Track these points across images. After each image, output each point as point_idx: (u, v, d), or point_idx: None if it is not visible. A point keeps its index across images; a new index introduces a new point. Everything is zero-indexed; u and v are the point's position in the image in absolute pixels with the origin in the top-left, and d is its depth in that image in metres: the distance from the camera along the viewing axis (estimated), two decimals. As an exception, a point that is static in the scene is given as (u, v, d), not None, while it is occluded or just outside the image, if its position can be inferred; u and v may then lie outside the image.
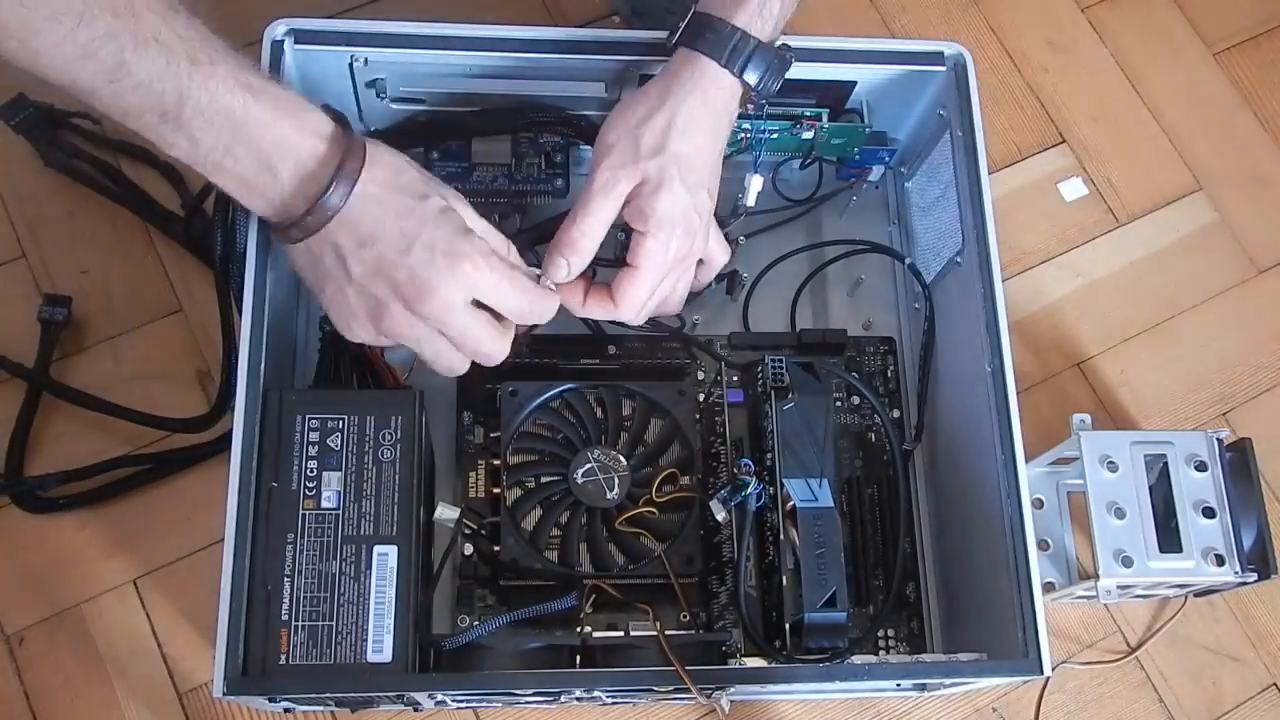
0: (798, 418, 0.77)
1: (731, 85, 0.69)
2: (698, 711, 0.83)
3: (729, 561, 0.78)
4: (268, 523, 0.66)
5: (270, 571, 0.65)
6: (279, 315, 0.73)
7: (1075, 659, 0.87)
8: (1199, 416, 0.95)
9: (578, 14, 1.00)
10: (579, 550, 0.77)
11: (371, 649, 0.65)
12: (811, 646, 0.72)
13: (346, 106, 0.80)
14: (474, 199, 0.83)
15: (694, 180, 0.69)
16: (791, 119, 0.82)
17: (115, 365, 0.87)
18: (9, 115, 0.88)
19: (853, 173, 0.89)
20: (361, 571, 0.66)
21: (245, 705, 0.80)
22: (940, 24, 1.05)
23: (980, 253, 0.76)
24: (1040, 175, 1.01)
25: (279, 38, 0.74)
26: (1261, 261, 1.00)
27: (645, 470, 0.79)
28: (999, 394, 0.73)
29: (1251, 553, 0.79)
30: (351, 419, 0.69)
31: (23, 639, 0.81)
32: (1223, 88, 1.06)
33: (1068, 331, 0.97)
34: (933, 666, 0.71)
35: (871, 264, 0.90)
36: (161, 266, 0.90)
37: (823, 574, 0.72)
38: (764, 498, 0.76)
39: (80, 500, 0.83)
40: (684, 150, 0.68)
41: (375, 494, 0.68)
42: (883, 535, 0.82)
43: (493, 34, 0.76)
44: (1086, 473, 0.79)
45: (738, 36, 0.68)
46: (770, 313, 0.89)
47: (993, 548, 0.72)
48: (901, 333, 0.89)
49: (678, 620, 0.76)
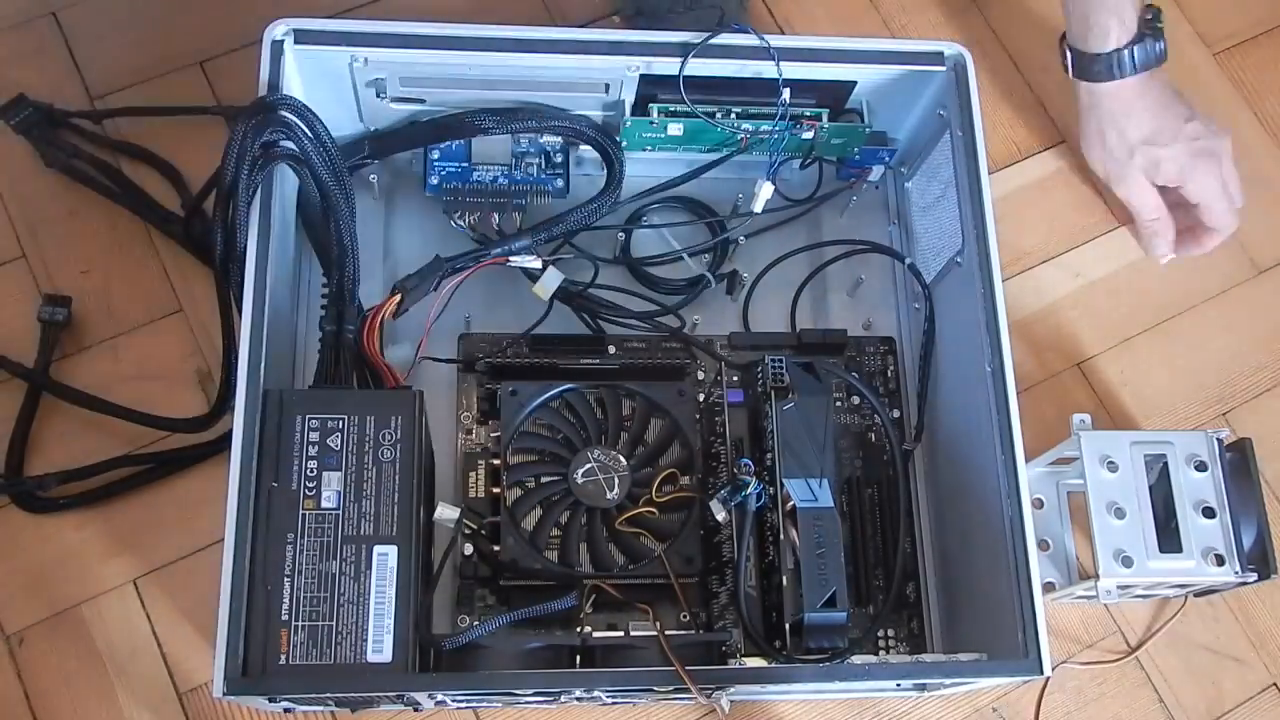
0: (798, 418, 0.78)
1: None
2: (698, 711, 0.83)
3: (729, 561, 0.78)
4: (268, 523, 0.66)
5: (270, 571, 0.65)
6: (279, 315, 0.74)
7: (1075, 659, 0.87)
8: (1199, 416, 0.95)
9: (578, 14, 1.00)
10: (579, 550, 0.77)
11: (371, 649, 0.65)
12: (811, 646, 0.72)
13: (346, 106, 0.80)
14: (474, 199, 0.85)
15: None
16: (792, 119, 0.82)
17: (115, 365, 0.87)
18: (9, 115, 0.88)
19: (853, 173, 0.89)
20: (361, 571, 0.66)
21: (245, 705, 0.80)
22: (940, 24, 1.05)
23: (980, 253, 0.77)
24: (1040, 175, 1.01)
25: (279, 38, 0.74)
26: (1261, 261, 1.00)
27: (645, 470, 0.79)
28: (999, 394, 0.74)
29: (1251, 553, 0.79)
30: (351, 419, 0.69)
31: (23, 639, 0.80)
32: (1223, 88, 1.06)
33: (1068, 331, 0.96)
34: (933, 667, 0.71)
35: (871, 264, 0.90)
36: (161, 266, 0.90)
37: (823, 574, 0.72)
38: (764, 498, 0.76)
39: (80, 500, 0.83)
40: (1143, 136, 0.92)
41: (375, 494, 0.68)
42: (883, 535, 0.82)
43: (493, 34, 0.76)
44: (1086, 473, 0.79)
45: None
46: (770, 313, 0.89)
47: (993, 548, 0.73)
48: (901, 333, 0.89)
49: (678, 620, 0.76)
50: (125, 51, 0.95)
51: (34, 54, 0.95)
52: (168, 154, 0.91)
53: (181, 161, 0.91)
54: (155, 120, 0.93)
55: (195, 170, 0.90)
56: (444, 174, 0.84)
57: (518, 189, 0.84)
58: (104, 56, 0.95)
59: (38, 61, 0.94)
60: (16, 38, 0.95)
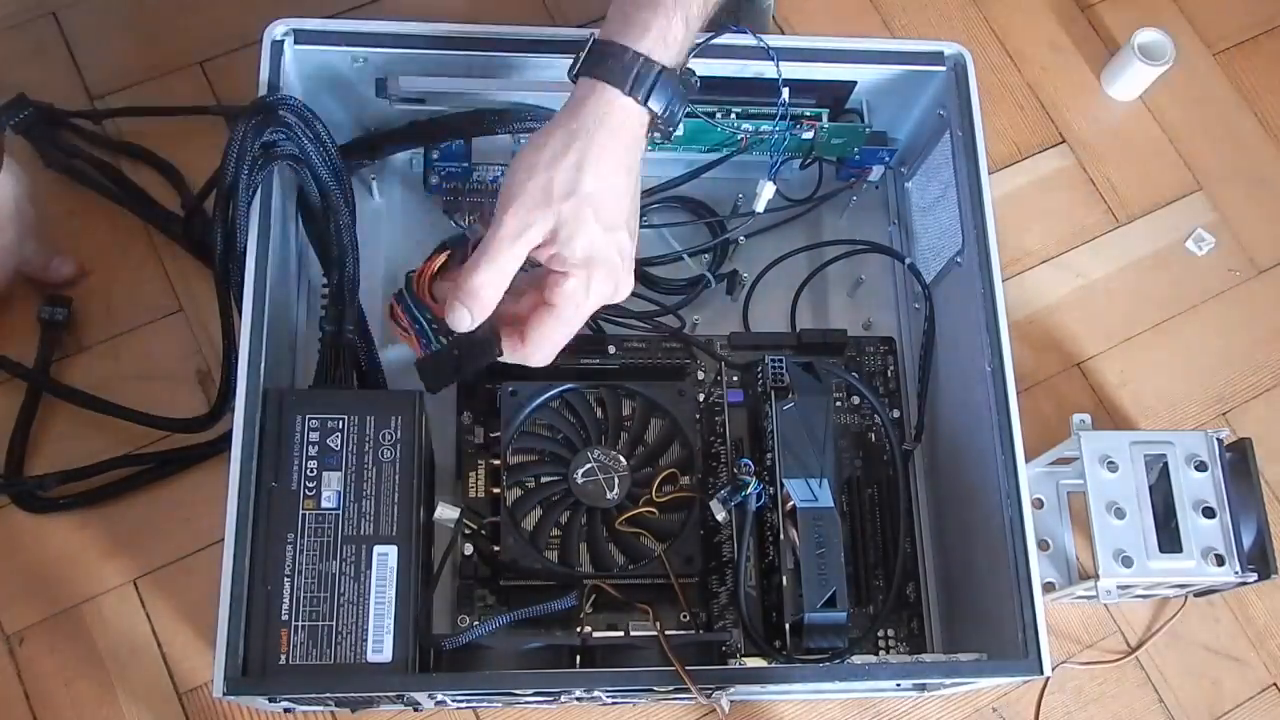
0: (798, 418, 0.77)
1: (638, 114, 0.65)
2: (698, 711, 0.83)
3: (729, 561, 0.78)
4: (268, 523, 0.66)
5: (270, 571, 0.65)
6: (279, 315, 0.73)
7: (1075, 659, 0.87)
8: (1199, 416, 0.95)
9: (578, 15, 1.00)
10: (579, 550, 0.77)
11: (371, 649, 0.65)
12: (811, 646, 0.72)
13: (346, 107, 0.80)
14: (474, 198, 0.84)
15: (611, 219, 0.65)
16: (792, 119, 0.82)
17: (115, 365, 0.87)
18: (9, 115, 0.88)
19: (853, 173, 0.89)
20: (361, 571, 0.66)
21: (245, 705, 0.80)
22: (940, 24, 1.05)
23: (980, 253, 0.77)
24: (1040, 175, 1.01)
25: (279, 38, 0.74)
26: (1261, 261, 1.00)
27: (645, 470, 0.79)
28: (999, 394, 0.73)
29: (1251, 553, 0.79)
30: (351, 419, 0.69)
31: (23, 639, 0.80)
32: (1223, 88, 1.06)
33: (1068, 331, 0.97)
34: (932, 666, 0.71)
35: (872, 264, 0.90)
36: (161, 266, 0.90)
37: (823, 574, 0.72)
38: (764, 498, 0.76)
39: (80, 500, 0.83)
40: (599, 188, 0.63)
41: (375, 494, 0.68)
42: (883, 535, 0.82)
43: (492, 34, 0.76)
44: (1086, 473, 0.79)
45: (640, 63, 0.64)
46: (770, 313, 0.89)
47: (993, 548, 0.72)
48: (901, 333, 0.89)
49: (678, 620, 0.76)
50: (125, 51, 0.95)
51: (34, 54, 0.94)
52: (167, 154, 0.91)
53: (181, 161, 0.91)
54: (155, 120, 0.92)
55: (195, 171, 0.90)
56: (444, 173, 0.84)
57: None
58: (104, 56, 0.95)
59: (38, 61, 0.94)
60: (16, 38, 0.95)
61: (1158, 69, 0.99)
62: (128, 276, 0.89)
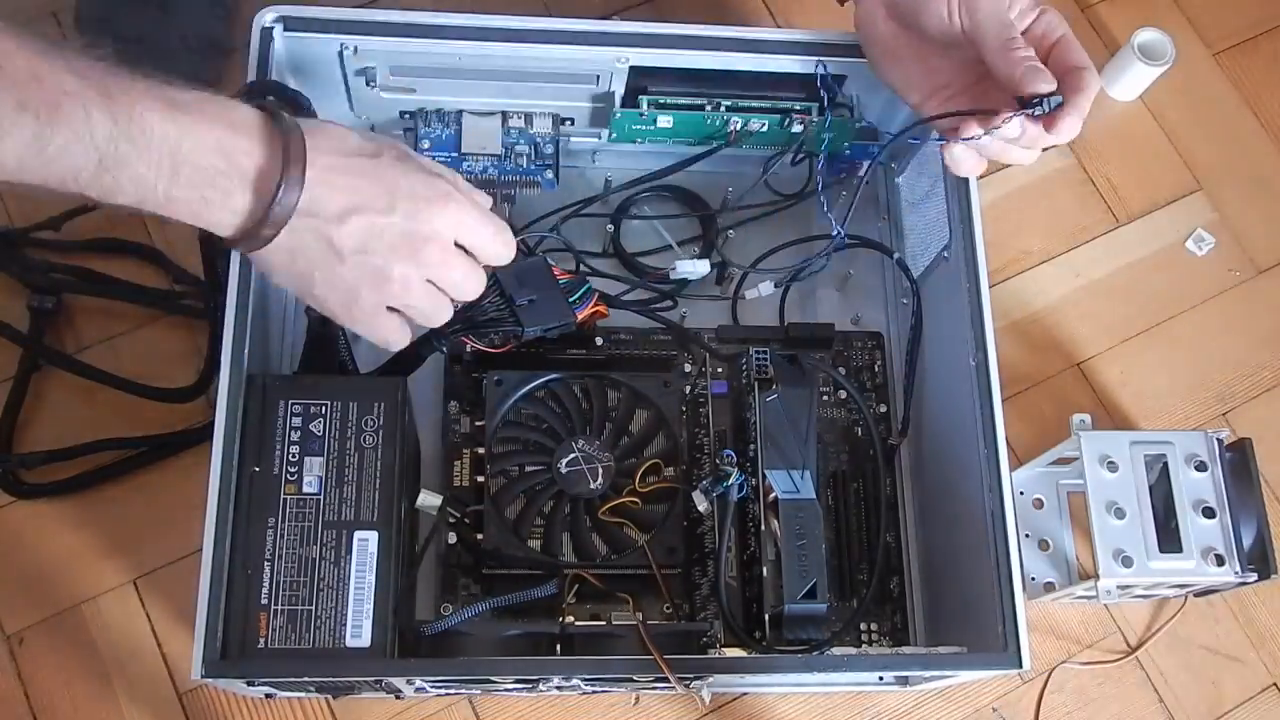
0: (781, 409, 0.77)
1: None
2: (698, 712, 0.82)
3: (711, 553, 0.78)
4: (249, 507, 0.66)
5: (250, 555, 0.65)
6: (264, 300, 0.74)
7: (1075, 659, 0.86)
8: (1199, 416, 0.94)
9: (574, 7, 1.00)
10: (562, 540, 0.77)
11: (350, 634, 0.65)
12: (791, 637, 0.72)
13: (336, 95, 0.80)
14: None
15: None
16: (781, 113, 0.82)
17: (115, 364, 0.86)
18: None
19: (843, 167, 0.89)
20: (341, 556, 0.66)
21: (241, 698, 0.80)
22: (939, 23, 1.05)
23: (966, 247, 0.76)
24: (1040, 175, 1.01)
25: (268, 24, 0.74)
26: (1261, 261, 0.99)
27: (629, 461, 0.79)
28: (983, 388, 0.73)
29: (1251, 553, 0.78)
30: (335, 405, 0.69)
31: (23, 639, 0.80)
32: (1223, 88, 1.05)
33: (1068, 331, 0.96)
34: (911, 658, 0.71)
35: (861, 259, 0.90)
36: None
37: (803, 565, 0.72)
38: (746, 489, 0.75)
39: (68, 486, 0.82)
40: None
41: (357, 480, 0.68)
42: (867, 529, 0.82)
43: (483, 23, 0.76)
44: (1086, 473, 0.78)
45: None
46: (759, 306, 0.89)
47: (975, 541, 0.72)
48: (889, 327, 0.89)
49: (661, 612, 0.76)
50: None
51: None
52: (142, 237, 0.89)
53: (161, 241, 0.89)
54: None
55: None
56: (435, 163, 0.84)
57: (507, 180, 0.84)
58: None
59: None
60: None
61: (1158, 69, 0.99)
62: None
